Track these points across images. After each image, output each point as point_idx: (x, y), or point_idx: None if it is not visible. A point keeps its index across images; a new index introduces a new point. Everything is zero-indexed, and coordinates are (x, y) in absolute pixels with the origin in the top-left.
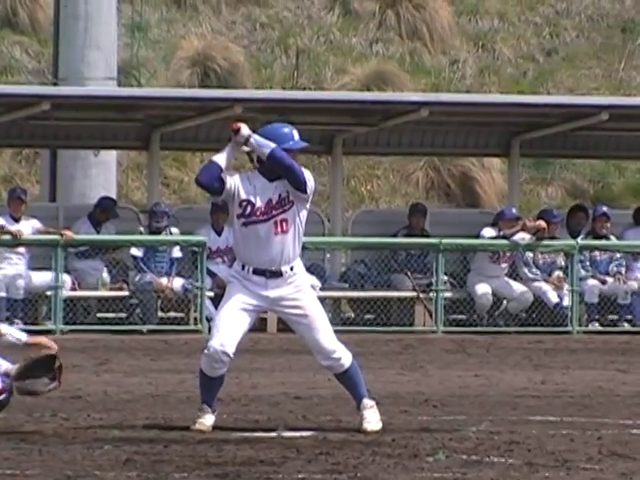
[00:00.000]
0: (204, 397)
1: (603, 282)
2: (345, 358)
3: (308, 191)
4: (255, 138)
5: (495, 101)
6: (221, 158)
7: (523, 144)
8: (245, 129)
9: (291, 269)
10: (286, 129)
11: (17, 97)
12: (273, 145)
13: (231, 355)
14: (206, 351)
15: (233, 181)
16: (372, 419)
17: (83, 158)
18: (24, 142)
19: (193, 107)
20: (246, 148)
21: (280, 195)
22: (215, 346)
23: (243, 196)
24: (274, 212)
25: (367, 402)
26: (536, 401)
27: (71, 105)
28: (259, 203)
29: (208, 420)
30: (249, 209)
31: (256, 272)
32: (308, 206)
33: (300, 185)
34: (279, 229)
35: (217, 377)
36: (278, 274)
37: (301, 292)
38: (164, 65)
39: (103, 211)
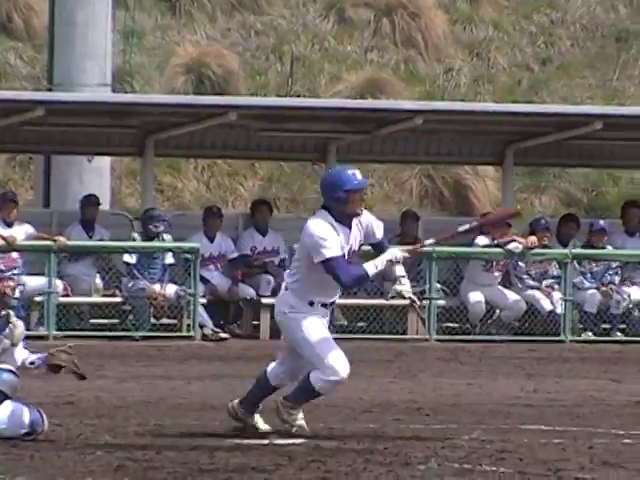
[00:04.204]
0: (301, 403)
1: (605, 294)
2: None
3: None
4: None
5: (489, 110)
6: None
7: (517, 153)
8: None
9: None
10: (349, 171)
11: (11, 102)
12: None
13: None
14: (334, 378)
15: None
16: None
17: (77, 164)
18: (18, 148)
19: (187, 114)
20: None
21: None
22: (344, 375)
23: None
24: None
25: None
26: (528, 410)
27: (65, 111)
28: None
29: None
30: None
31: (324, 305)
32: None
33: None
34: None
35: None
36: (334, 303)
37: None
38: (158, 72)
39: (87, 206)
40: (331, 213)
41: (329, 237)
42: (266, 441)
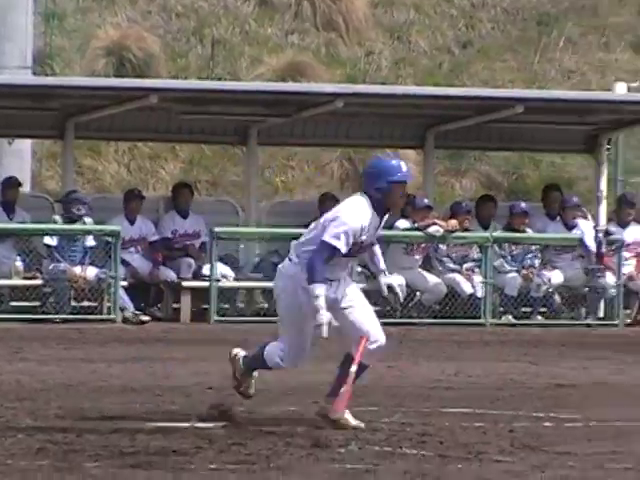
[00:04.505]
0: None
1: (526, 278)
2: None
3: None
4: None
5: (410, 93)
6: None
7: (438, 136)
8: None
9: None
10: (394, 162)
11: None
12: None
13: None
14: (284, 364)
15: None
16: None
17: None
18: None
19: (108, 96)
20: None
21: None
22: (296, 366)
23: (359, 238)
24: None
25: None
26: (449, 393)
27: None
28: (367, 240)
29: None
30: (355, 247)
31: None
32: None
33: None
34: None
35: None
36: (339, 280)
37: (350, 288)
38: (79, 54)
39: (7, 188)
40: (371, 200)
41: (353, 230)
42: (187, 424)
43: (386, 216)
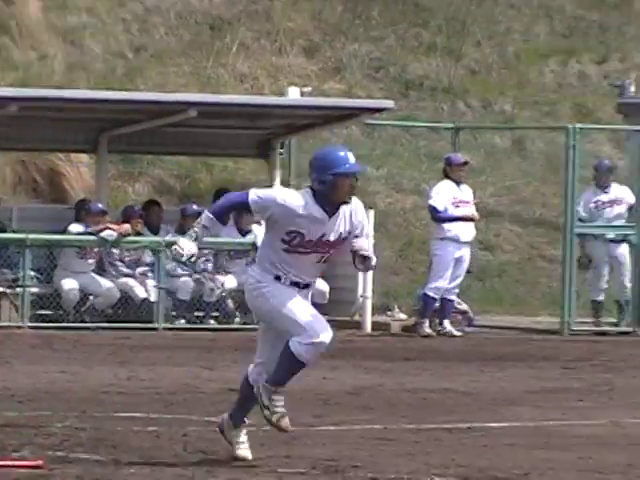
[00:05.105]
0: (284, 380)
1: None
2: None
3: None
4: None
5: (83, 97)
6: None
7: (111, 140)
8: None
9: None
10: (341, 152)
11: None
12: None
13: None
14: (316, 340)
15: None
16: None
17: None
18: None
19: None
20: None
21: (343, 233)
22: (326, 339)
23: (294, 226)
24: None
25: None
26: (122, 397)
27: None
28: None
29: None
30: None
31: (295, 283)
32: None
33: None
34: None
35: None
36: (308, 285)
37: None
38: None
39: None
40: (314, 194)
41: (273, 200)
42: None
43: (340, 211)
